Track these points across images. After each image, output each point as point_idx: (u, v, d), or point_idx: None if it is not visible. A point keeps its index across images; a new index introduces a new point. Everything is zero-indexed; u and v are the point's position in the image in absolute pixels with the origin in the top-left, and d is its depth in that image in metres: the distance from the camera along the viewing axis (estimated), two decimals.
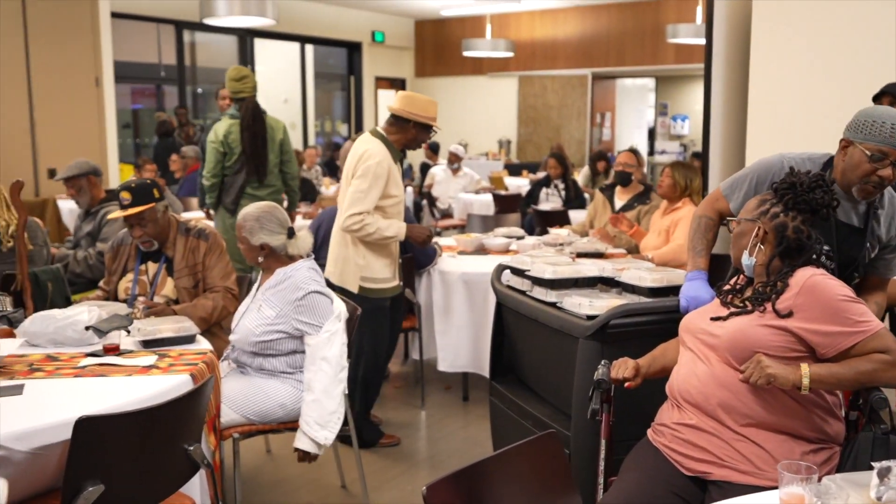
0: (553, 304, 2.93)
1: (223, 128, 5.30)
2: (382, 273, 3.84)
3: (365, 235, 3.71)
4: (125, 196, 3.38)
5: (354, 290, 3.79)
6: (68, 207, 7.77)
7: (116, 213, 3.45)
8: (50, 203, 7.58)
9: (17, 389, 2.40)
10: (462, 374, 4.65)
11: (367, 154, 3.72)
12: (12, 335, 2.90)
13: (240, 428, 2.97)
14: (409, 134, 3.84)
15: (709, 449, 2.09)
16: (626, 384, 2.31)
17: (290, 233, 3.15)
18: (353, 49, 14.99)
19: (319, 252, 4.74)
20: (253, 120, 5.27)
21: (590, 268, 3.09)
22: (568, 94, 14.64)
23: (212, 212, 5.63)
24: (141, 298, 3.43)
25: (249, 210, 3.18)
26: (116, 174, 8.92)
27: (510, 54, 13.21)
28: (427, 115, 3.84)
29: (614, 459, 2.39)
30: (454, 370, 4.55)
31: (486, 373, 4.50)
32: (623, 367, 2.32)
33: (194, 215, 6.53)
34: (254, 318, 3.10)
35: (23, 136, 8.03)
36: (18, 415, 2.21)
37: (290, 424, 3.06)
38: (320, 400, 2.97)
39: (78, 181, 4.64)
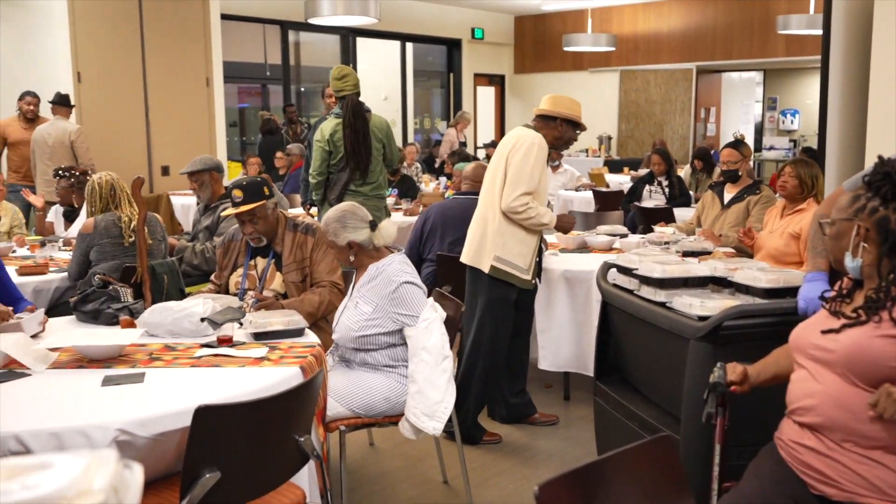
0: (662, 304, 2.86)
1: (329, 127, 5.39)
2: (517, 260, 3.83)
3: (525, 219, 3.76)
4: (237, 194, 3.49)
5: (486, 269, 3.82)
6: (181, 203, 8.08)
7: (229, 211, 3.56)
8: (164, 199, 7.90)
9: (139, 377, 2.50)
10: (563, 372, 4.60)
11: (524, 136, 3.81)
12: (133, 325, 3.02)
13: (346, 421, 3.01)
14: (556, 131, 3.88)
15: (829, 474, 1.96)
16: (732, 388, 2.22)
17: (373, 225, 3.17)
18: (453, 46, 15.05)
19: (425, 246, 4.78)
20: (354, 117, 5.32)
21: (701, 267, 3.00)
22: (671, 88, 14.31)
23: (314, 209, 5.77)
24: (250, 293, 3.53)
25: (329, 215, 3.20)
26: (225, 171, 9.21)
27: (612, 49, 13.01)
28: (573, 112, 3.87)
29: (727, 465, 2.31)
30: (555, 369, 4.50)
31: (588, 372, 4.44)
32: (731, 371, 2.24)
33: (297, 212, 6.69)
34: (351, 314, 3.14)
35: (139, 135, 8.39)
36: (140, 402, 2.31)
37: (393, 418, 3.09)
38: (423, 391, 2.98)
39: (201, 176, 4.81)
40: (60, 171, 5.33)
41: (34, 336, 2.98)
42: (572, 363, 4.49)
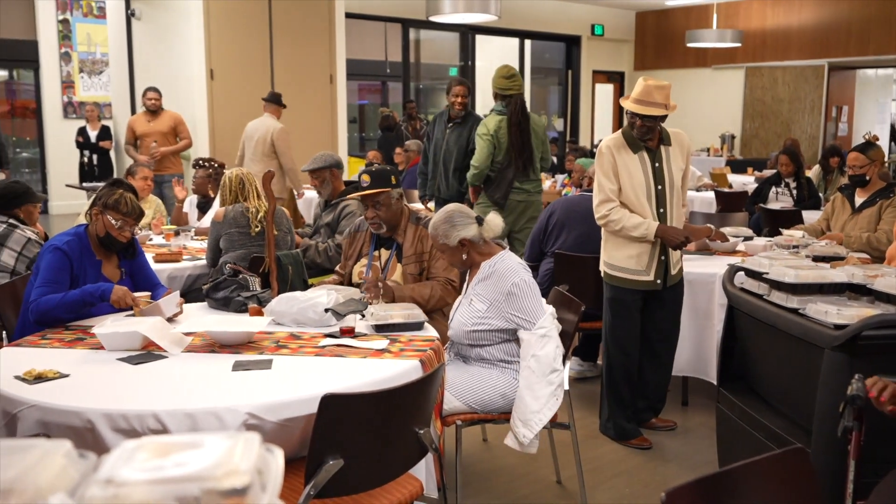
0: (794, 311, 2.74)
1: (493, 123, 5.56)
2: (626, 263, 3.78)
3: (613, 230, 3.76)
4: (365, 178, 3.64)
5: (602, 275, 3.91)
6: (303, 197, 8.31)
7: (355, 195, 3.70)
8: (287, 192, 8.13)
9: (267, 364, 2.59)
10: (682, 377, 4.48)
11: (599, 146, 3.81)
12: (261, 313, 3.13)
13: (462, 416, 3.03)
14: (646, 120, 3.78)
15: None
16: (890, 409, 2.07)
17: (479, 220, 3.17)
18: (572, 43, 14.90)
19: (548, 241, 4.75)
20: (522, 116, 5.53)
21: (837, 273, 2.86)
22: (800, 86, 13.71)
23: (431, 203, 5.88)
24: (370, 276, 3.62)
25: (435, 218, 3.21)
26: (346, 167, 9.43)
27: (737, 45, 12.57)
28: (632, 98, 3.77)
29: (862, 482, 2.19)
30: (674, 373, 4.38)
31: (708, 377, 4.32)
32: (878, 387, 2.10)
33: (416, 206, 6.79)
34: (465, 311, 3.15)
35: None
36: (268, 387, 2.39)
37: (509, 415, 3.07)
38: (523, 397, 2.97)
39: (322, 173, 4.94)
40: (200, 162, 5.61)
41: (173, 316, 3.14)
42: (691, 367, 4.37)
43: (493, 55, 14.55)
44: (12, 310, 3.43)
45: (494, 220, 3.17)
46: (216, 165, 5.46)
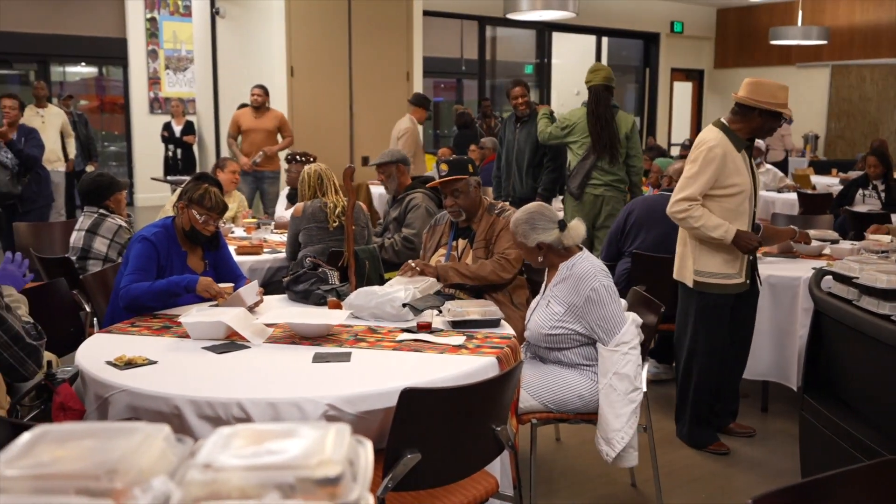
0: (887, 318, 2.64)
1: (573, 112, 5.80)
2: (718, 268, 3.66)
3: (688, 227, 3.63)
4: (443, 168, 3.78)
5: (689, 283, 3.73)
6: (379, 192, 8.40)
7: (433, 183, 3.77)
8: (363, 188, 8.24)
9: (346, 357, 2.63)
10: (762, 382, 4.37)
11: (699, 141, 3.67)
12: (339, 307, 3.18)
13: (538, 414, 3.02)
14: (753, 122, 3.64)
15: None
16: None
17: (562, 225, 3.13)
18: (650, 40, 14.66)
19: (626, 240, 4.68)
20: (596, 104, 5.61)
21: None
22: (890, 85, 13.21)
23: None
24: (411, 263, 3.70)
25: (517, 216, 3.20)
26: (423, 163, 9.48)
27: (823, 42, 12.17)
28: (775, 101, 3.60)
29: None
30: (754, 378, 4.29)
31: (789, 383, 4.20)
32: None
33: None
34: (542, 314, 3.13)
35: (342, 126, 8.81)
36: (347, 380, 2.42)
37: (586, 416, 3.05)
38: (605, 415, 2.93)
39: (388, 168, 4.99)
40: (294, 157, 5.76)
41: (253, 305, 3.22)
42: (772, 372, 4.26)
43: (570, 53, 14.43)
44: (103, 297, 3.56)
45: (577, 228, 3.13)
46: (310, 159, 5.58)
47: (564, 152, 5.96)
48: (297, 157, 5.77)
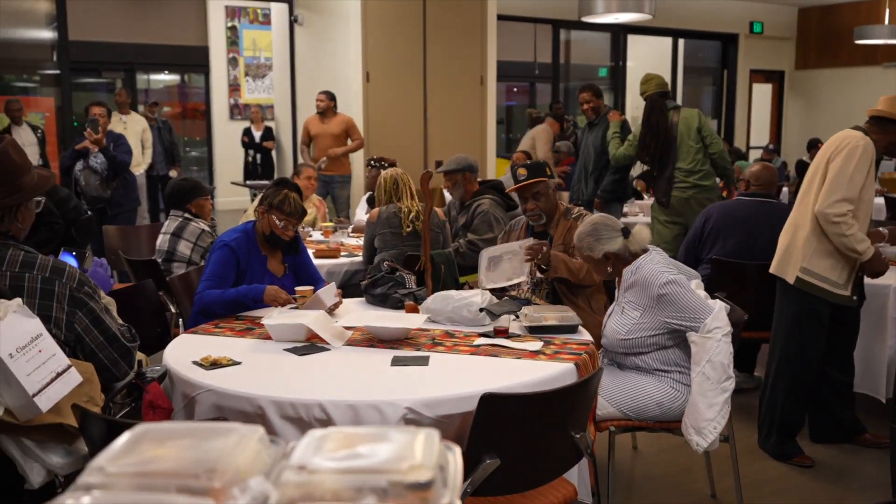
0: None
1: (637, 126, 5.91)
2: (828, 273, 3.53)
3: (837, 233, 3.43)
4: (522, 172, 3.76)
5: (791, 280, 3.59)
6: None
7: (513, 187, 3.75)
8: (437, 192, 8.28)
9: (424, 360, 2.64)
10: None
11: (848, 137, 3.52)
12: (416, 310, 3.20)
13: (616, 422, 2.98)
14: (892, 136, 3.55)
15: None
16: None
17: (625, 232, 3.08)
18: (728, 41, 14.34)
19: (703, 247, 4.60)
20: (650, 112, 5.66)
21: None
22: None
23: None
24: (524, 278, 3.64)
25: (582, 229, 3.16)
26: (493, 168, 9.49)
27: None
28: None
29: None
30: None
31: (878, 395, 4.06)
32: None
33: None
34: (618, 319, 3.09)
35: (416, 131, 8.88)
36: (426, 384, 2.44)
37: (664, 424, 3.00)
38: (696, 404, 2.87)
39: (455, 175, 5.00)
40: (371, 162, 5.86)
41: (332, 306, 3.27)
42: (860, 383, 4.09)
43: (645, 55, 14.23)
44: (188, 298, 3.67)
45: (641, 233, 3.08)
46: (385, 164, 5.66)
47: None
48: (373, 162, 5.85)
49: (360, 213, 6.08)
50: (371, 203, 5.98)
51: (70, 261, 2.64)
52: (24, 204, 2.32)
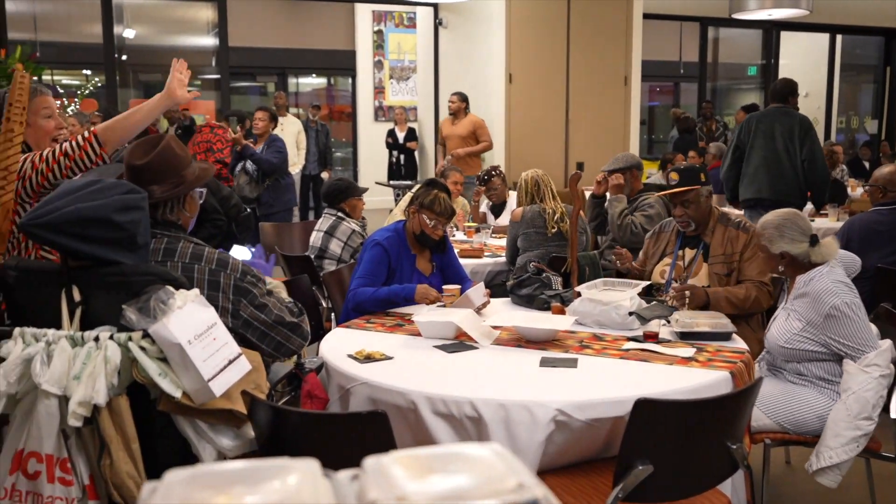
0: None
1: None
2: None
3: None
4: (674, 176, 3.63)
5: None
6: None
7: (661, 193, 3.64)
8: (580, 194, 8.20)
9: (573, 362, 2.63)
10: None
11: None
12: (563, 312, 3.19)
13: (772, 434, 2.87)
14: None
15: None
16: None
17: (814, 240, 2.92)
18: (892, 36, 13.47)
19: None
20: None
21: None
22: None
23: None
24: (675, 285, 3.54)
25: (769, 218, 3.04)
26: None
27: None
28: None
29: None
30: None
31: None
32: None
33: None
34: (780, 325, 2.97)
35: (558, 132, 8.83)
36: (576, 386, 2.42)
37: None
38: (829, 428, 2.73)
39: (622, 174, 4.93)
40: (484, 176, 5.91)
41: (481, 306, 3.30)
42: None
43: (799, 53, 13.58)
44: (339, 294, 3.80)
45: (830, 246, 2.93)
46: (498, 171, 5.79)
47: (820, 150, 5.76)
48: (485, 175, 5.87)
49: (491, 218, 6.12)
50: (492, 210, 6.05)
51: (243, 254, 2.80)
52: (189, 194, 2.48)
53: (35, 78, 3.18)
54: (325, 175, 10.23)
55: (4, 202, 2.46)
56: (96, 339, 2.02)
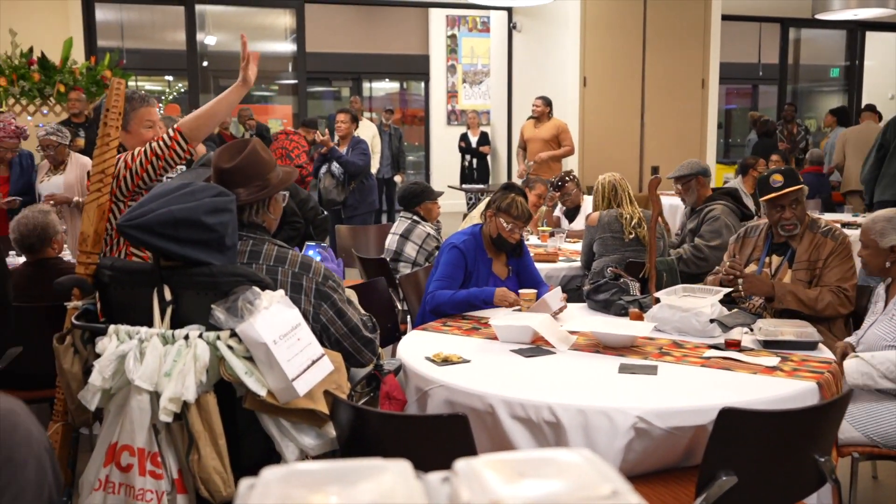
0: None
1: None
2: None
3: None
4: (777, 178, 3.51)
5: None
6: (668, 203, 8.19)
7: (769, 196, 3.52)
8: (658, 199, 8.09)
9: (652, 369, 2.59)
10: None
11: None
12: (641, 318, 3.15)
13: (861, 448, 2.77)
14: None
15: None
16: None
17: None
18: None
19: None
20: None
21: None
22: None
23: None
24: (731, 262, 3.49)
25: (882, 212, 2.98)
26: (713, 174, 9.12)
27: None
28: None
29: None
30: None
31: None
32: None
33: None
34: (886, 326, 2.88)
35: (633, 135, 8.72)
36: (656, 393, 2.39)
37: None
38: None
39: (688, 181, 4.84)
40: (557, 182, 5.88)
41: (557, 311, 3.29)
42: None
43: (885, 53, 13.12)
44: (415, 296, 3.83)
45: None
46: (571, 176, 5.75)
47: None
48: (557, 182, 5.81)
49: (565, 223, 6.08)
50: (566, 214, 6.00)
51: (314, 254, 2.84)
52: (273, 197, 2.54)
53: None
54: (398, 179, 10.33)
55: (101, 203, 2.56)
56: (186, 337, 2.08)
